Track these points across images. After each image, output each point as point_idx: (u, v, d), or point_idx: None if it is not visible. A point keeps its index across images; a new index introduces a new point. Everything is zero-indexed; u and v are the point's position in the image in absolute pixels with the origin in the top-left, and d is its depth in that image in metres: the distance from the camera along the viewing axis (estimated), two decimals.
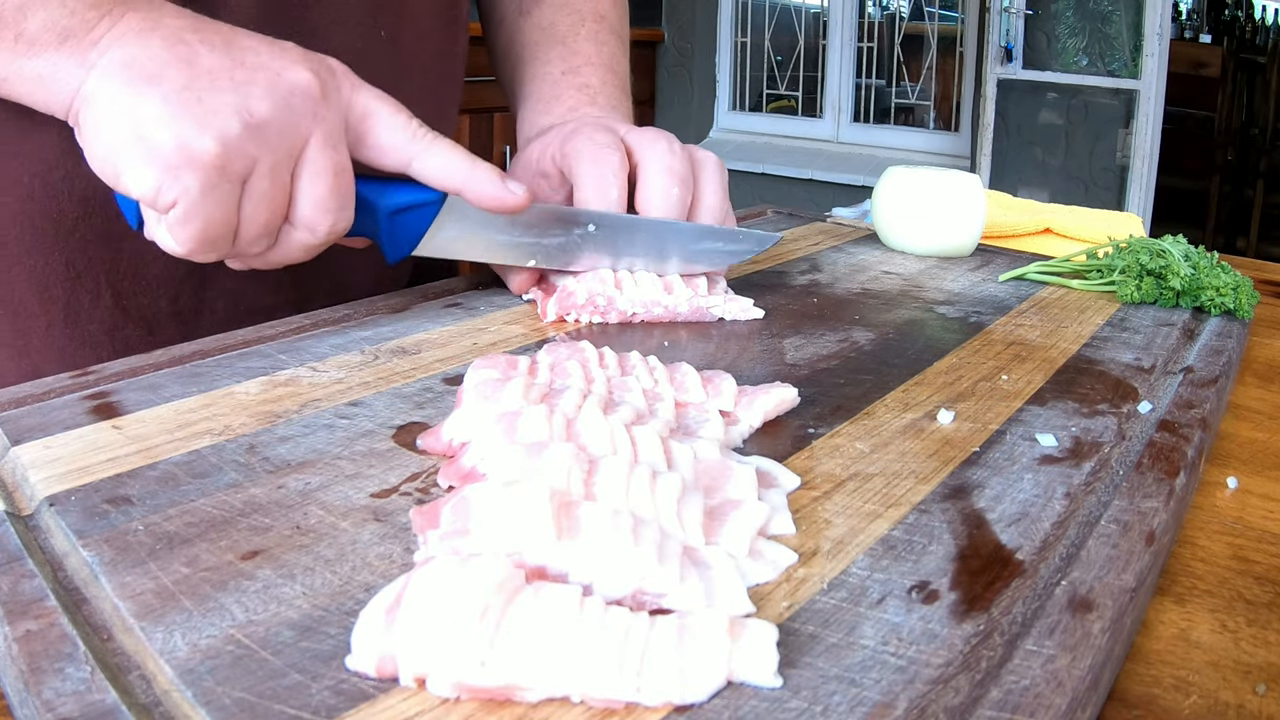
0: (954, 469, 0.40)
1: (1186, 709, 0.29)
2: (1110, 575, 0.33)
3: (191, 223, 0.46)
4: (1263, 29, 5.27)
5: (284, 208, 0.49)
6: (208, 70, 0.46)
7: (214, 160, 0.45)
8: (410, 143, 0.52)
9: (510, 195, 0.54)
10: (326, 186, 0.49)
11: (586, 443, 0.37)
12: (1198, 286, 0.65)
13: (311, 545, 0.33)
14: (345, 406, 0.44)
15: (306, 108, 0.48)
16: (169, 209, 0.45)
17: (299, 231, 0.50)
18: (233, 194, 0.46)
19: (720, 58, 3.99)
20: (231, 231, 0.47)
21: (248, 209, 0.47)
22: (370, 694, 0.26)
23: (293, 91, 0.47)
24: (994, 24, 3.21)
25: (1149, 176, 3.14)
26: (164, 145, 0.44)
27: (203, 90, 0.45)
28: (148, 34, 0.46)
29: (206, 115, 0.45)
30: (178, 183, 0.45)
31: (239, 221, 0.47)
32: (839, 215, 0.97)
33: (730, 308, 0.60)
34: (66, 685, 0.26)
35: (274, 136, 0.46)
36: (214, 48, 0.47)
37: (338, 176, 0.49)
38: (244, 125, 0.45)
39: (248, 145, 0.46)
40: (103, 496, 0.35)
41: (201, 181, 0.45)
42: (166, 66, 0.45)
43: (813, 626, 0.29)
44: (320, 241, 0.50)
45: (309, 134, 0.48)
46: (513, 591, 0.27)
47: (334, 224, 0.50)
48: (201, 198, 0.45)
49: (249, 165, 0.46)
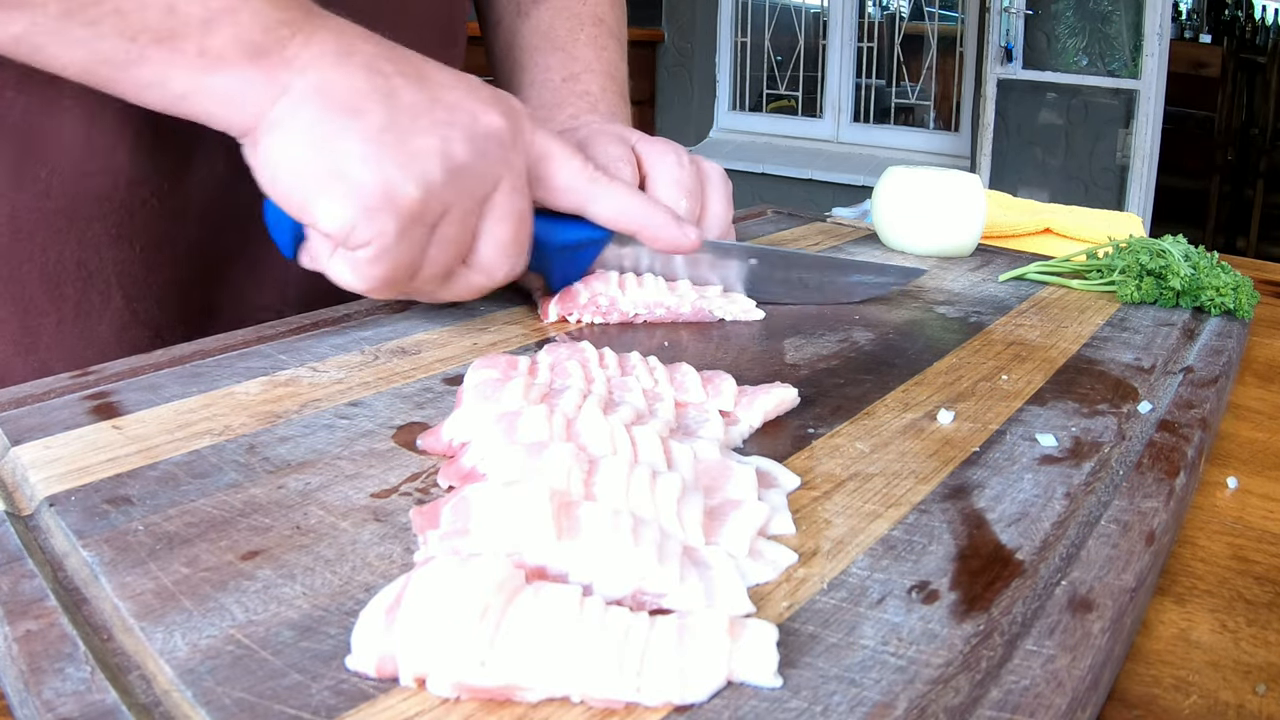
0: (954, 469, 0.40)
1: (1186, 709, 0.29)
2: (1110, 575, 0.33)
3: (381, 262, 0.45)
4: (1263, 29, 5.27)
5: (467, 251, 0.48)
6: (409, 108, 0.45)
7: (415, 205, 0.44)
8: (588, 185, 0.52)
9: (686, 238, 0.54)
10: (510, 233, 0.49)
11: (586, 443, 0.37)
12: (1198, 286, 0.65)
13: (311, 545, 0.33)
14: (345, 406, 0.44)
15: (499, 153, 0.47)
16: (360, 247, 0.45)
17: (476, 275, 0.50)
18: (425, 238, 0.46)
19: (720, 58, 3.99)
20: (414, 273, 0.47)
21: (433, 251, 0.47)
22: (370, 694, 0.26)
23: (488, 136, 0.47)
24: (994, 24, 3.22)
25: (1149, 176, 3.14)
26: (366, 185, 0.43)
27: (405, 130, 0.44)
28: (344, 59, 0.45)
29: (410, 158, 0.44)
30: (374, 224, 0.44)
31: (421, 263, 0.47)
32: (839, 215, 0.97)
33: (732, 309, 0.60)
34: (66, 685, 0.26)
35: (469, 182, 0.46)
36: (410, 80, 0.46)
37: (520, 223, 0.49)
38: (445, 170, 0.45)
39: (446, 191, 0.45)
40: (103, 496, 0.35)
41: (399, 225, 0.45)
42: (367, 100, 0.44)
43: (813, 626, 0.29)
44: (495, 284, 0.50)
45: (499, 179, 0.48)
46: (513, 591, 0.27)
47: (512, 269, 0.50)
48: (396, 240, 0.45)
49: (444, 210, 0.46)
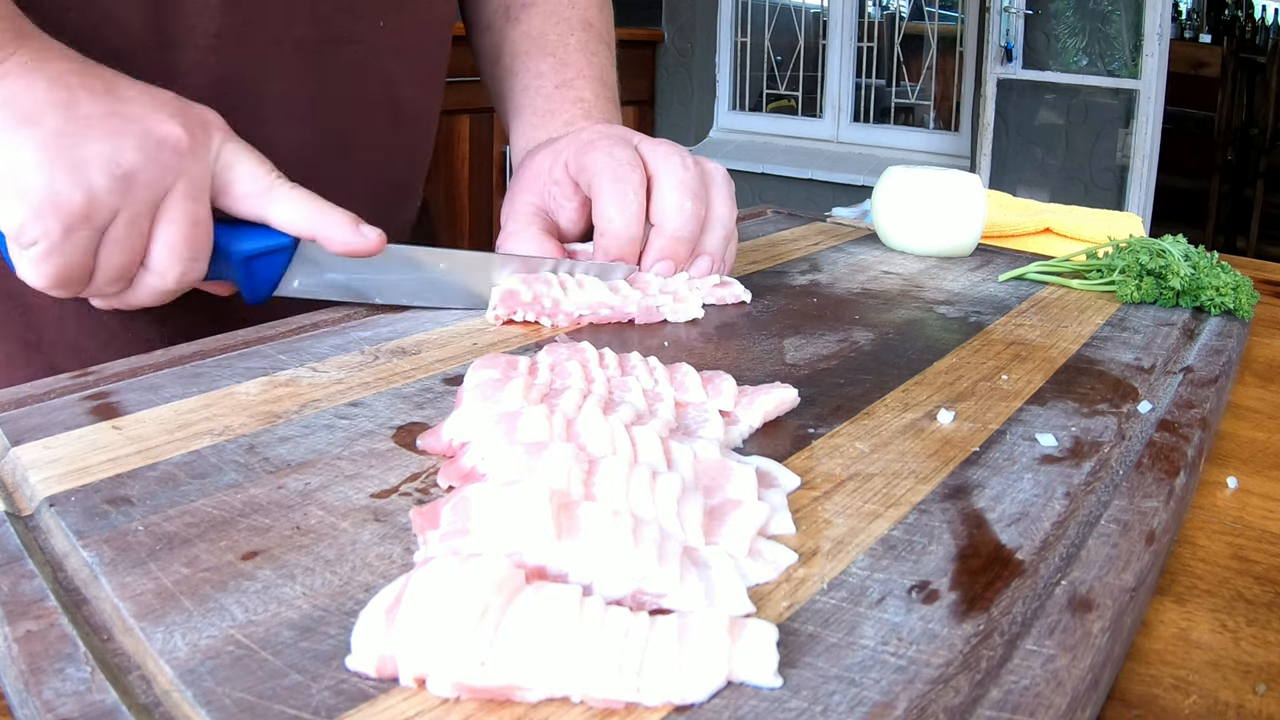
0: (954, 469, 0.40)
1: (1186, 709, 0.29)
2: (1110, 575, 0.33)
3: (49, 262, 0.48)
4: (1263, 29, 5.27)
5: (140, 254, 0.50)
6: (84, 117, 0.47)
7: (79, 209, 0.47)
8: (265, 192, 0.53)
9: (363, 240, 0.54)
10: (181, 237, 0.50)
11: (586, 443, 0.37)
12: (1198, 286, 0.65)
13: (311, 545, 0.33)
14: (345, 407, 0.44)
15: (172, 161, 0.49)
16: (30, 246, 0.47)
17: (151, 277, 0.51)
18: (91, 240, 0.48)
19: (720, 58, 3.99)
20: (87, 273, 0.49)
21: (104, 254, 0.49)
22: (370, 694, 0.26)
23: (162, 145, 0.49)
24: (994, 24, 3.21)
25: (1149, 176, 3.14)
26: (33, 188, 0.46)
27: (76, 137, 0.47)
28: (33, 73, 0.47)
29: (77, 164, 0.46)
30: (40, 224, 0.46)
31: (95, 265, 0.49)
32: (839, 215, 0.97)
33: (678, 309, 0.59)
34: (66, 685, 0.26)
35: (138, 188, 0.48)
36: (94, 94, 0.48)
37: (193, 228, 0.50)
38: (111, 177, 0.47)
39: (112, 197, 0.47)
40: (103, 497, 0.35)
41: (63, 227, 0.47)
42: (46, 109, 0.47)
43: (813, 626, 0.29)
44: (171, 288, 0.52)
45: (171, 185, 0.49)
46: (513, 591, 0.27)
47: (184, 273, 0.51)
48: (61, 241, 0.47)
49: (111, 215, 0.48)
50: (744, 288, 0.63)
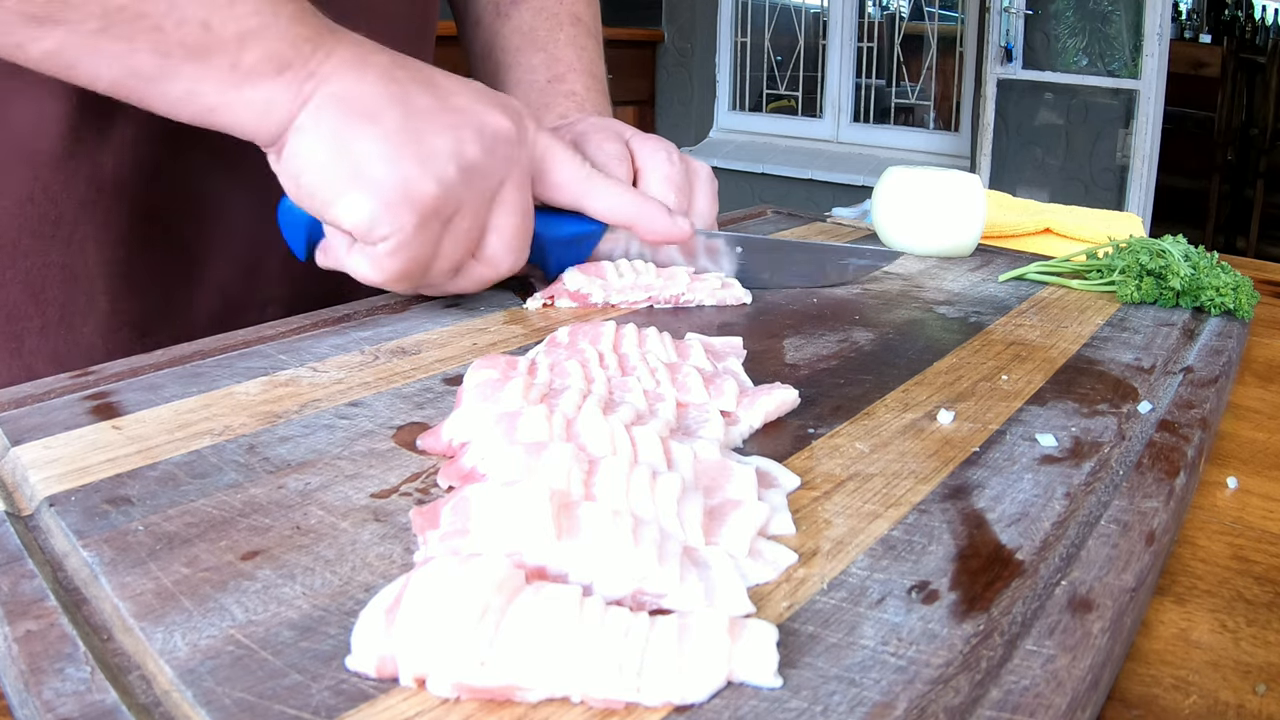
0: (954, 469, 0.40)
1: (1186, 709, 0.29)
2: (1110, 575, 0.33)
3: (399, 255, 0.48)
4: (1263, 29, 5.27)
5: (476, 245, 0.51)
6: (421, 111, 0.48)
7: (432, 201, 0.47)
8: (584, 181, 0.55)
9: (678, 228, 0.57)
10: (515, 227, 0.52)
11: (586, 443, 0.37)
12: (1198, 286, 0.65)
13: (311, 545, 0.33)
14: (345, 406, 0.44)
15: (506, 152, 0.50)
16: (380, 241, 0.47)
17: (482, 267, 0.52)
18: (440, 231, 0.49)
19: (720, 58, 3.99)
20: (429, 265, 0.50)
21: (447, 245, 0.50)
22: (370, 694, 0.26)
23: (496, 136, 0.50)
24: (994, 24, 3.21)
25: (1149, 176, 3.14)
26: (385, 182, 0.46)
27: (419, 132, 0.47)
28: (361, 69, 0.47)
29: (426, 156, 0.47)
30: (394, 218, 0.47)
31: (435, 256, 0.50)
32: (839, 215, 0.97)
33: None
34: (66, 685, 0.26)
35: (480, 179, 0.49)
36: (422, 86, 0.49)
37: (524, 217, 0.52)
38: (459, 168, 0.48)
39: (460, 188, 0.48)
40: (103, 496, 0.35)
41: (418, 220, 0.47)
42: (383, 104, 0.47)
43: (813, 626, 0.29)
44: (500, 276, 0.53)
45: (507, 176, 0.51)
46: (513, 591, 0.27)
47: (515, 261, 0.53)
48: (414, 235, 0.47)
49: (457, 206, 0.49)
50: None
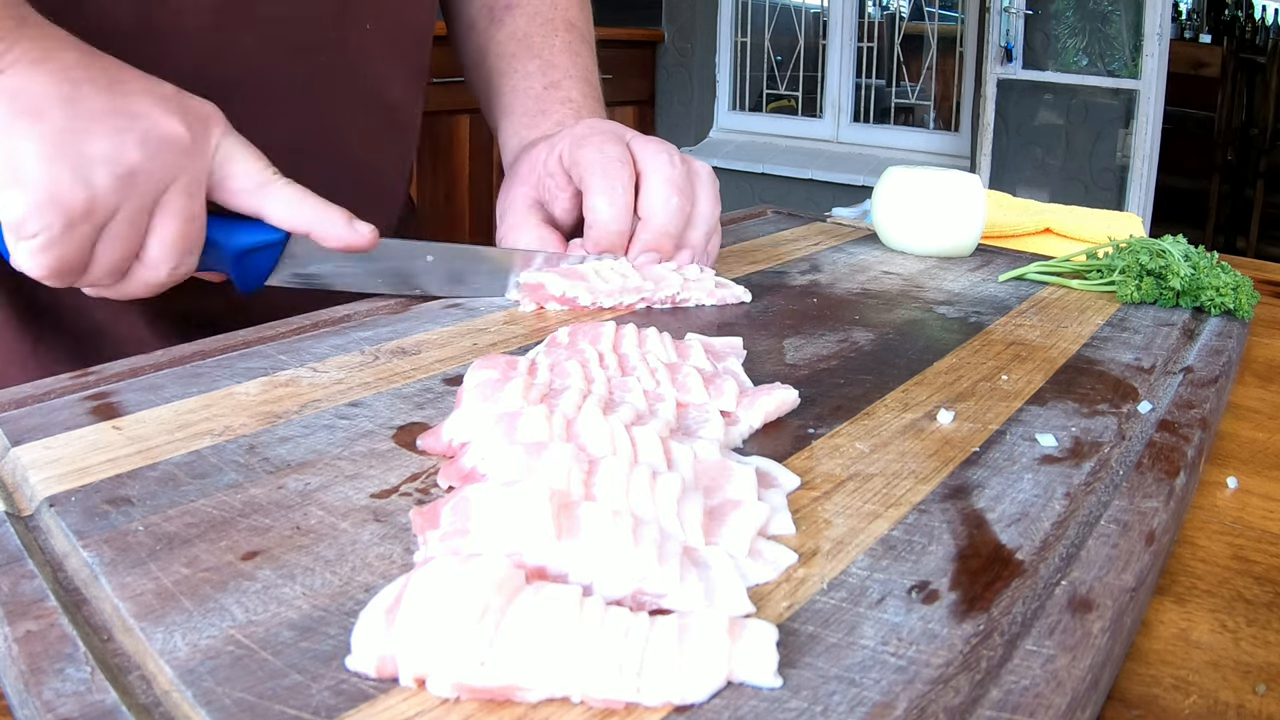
0: (954, 469, 0.40)
1: (1186, 709, 0.29)
2: (1110, 575, 0.33)
3: (47, 254, 0.48)
4: (1263, 29, 5.27)
5: (136, 248, 0.51)
6: (88, 113, 0.48)
7: (80, 206, 0.47)
8: (261, 188, 0.54)
9: (357, 236, 0.55)
10: (176, 232, 0.51)
11: (586, 443, 0.37)
12: (1198, 286, 0.65)
13: (311, 545, 0.33)
14: (345, 407, 0.44)
15: (173, 159, 0.50)
16: (30, 238, 0.47)
17: (145, 270, 0.52)
18: (90, 235, 0.49)
19: (720, 58, 3.99)
20: (84, 265, 0.50)
21: (102, 249, 0.49)
22: (370, 694, 0.26)
23: (164, 143, 0.49)
24: (994, 24, 3.21)
25: (1149, 176, 3.14)
26: (36, 183, 0.46)
27: (80, 134, 0.47)
28: (37, 66, 0.47)
29: (81, 162, 0.47)
30: (41, 218, 0.47)
31: (91, 258, 0.49)
32: (839, 215, 0.97)
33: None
34: (66, 685, 0.26)
35: (139, 186, 0.49)
36: (98, 89, 0.48)
37: (188, 223, 0.51)
38: (114, 176, 0.47)
39: (113, 195, 0.48)
40: (103, 497, 0.35)
41: (64, 222, 0.47)
42: (50, 103, 0.47)
43: (813, 626, 0.29)
44: (164, 281, 0.52)
45: (171, 182, 0.50)
46: (513, 591, 0.27)
47: (177, 267, 0.52)
48: (62, 235, 0.47)
49: (111, 211, 0.48)
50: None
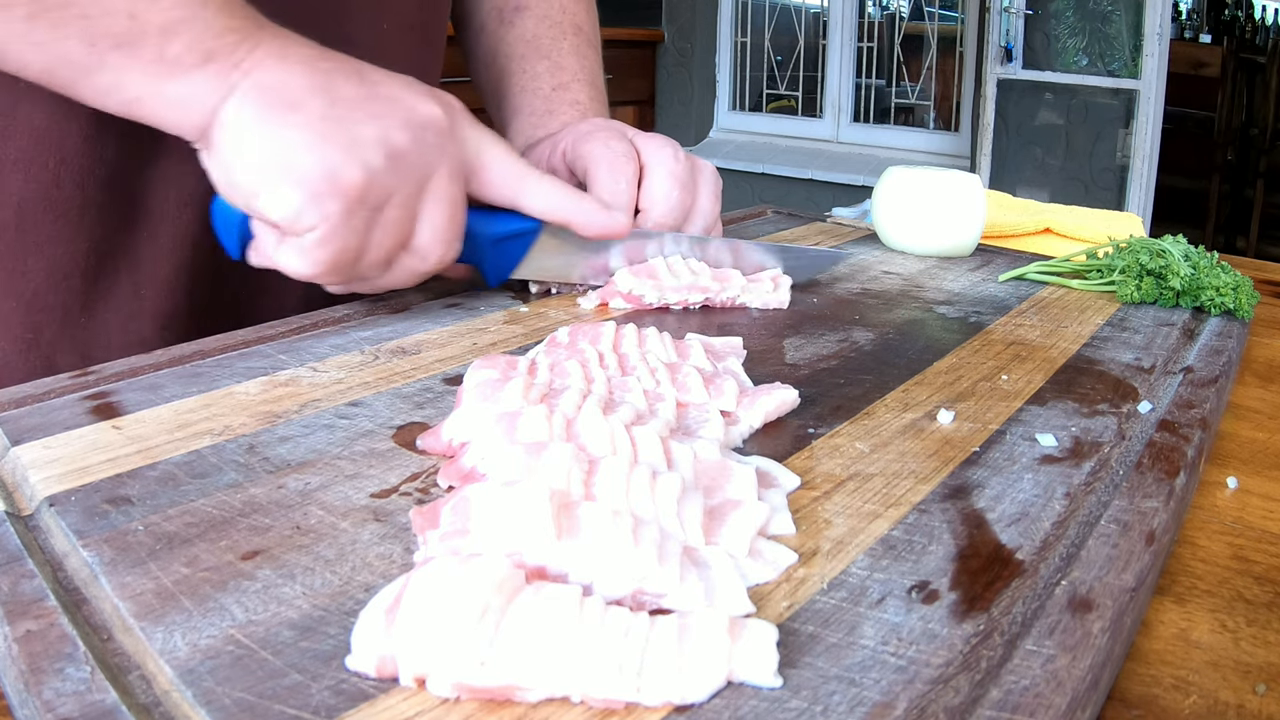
0: (954, 469, 0.40)
1: (1186, 709, 0.29)
2: (1110, 575, 0.33)
3: (327, 246, 0.47)
4: (1263, 29, 5.27)
5: (408, 235, 0.51)
6: (347, 99, 0.47)
7: (358, 188, 0.46)
8: (520, 179, 0.54)
9: (615, 223, 0.57)
10: (446, 218, 0.51)
11: (586, 443, 0.37)
12: (1198, 286, 0.65)
13: (311, 545, 0.33)
14: (345, 406, 0.44)
15: (436, 142, 0.50)
16: (307, 232, 0.47)
17: (413, 259, 0.52)
18: (368, 221, 0.48)
19: (720, 58, 3.99)
20: (358, 257, 0.49)
21: (376, 236, 0.49)
22: (370, 694, 0.26)
23: (425, 125, 0.49)
24: (994, 24, 3.21)
25: (1149, 176, 3.14)
26: (310, 171, 0.46)
27: (344, 119, 0.47)
28: (285, 60, 0.47)
29: (351, 144, 0.46)
30: (320, 208, 0.46)
31: (365, 247, 0.49)
32: (839, 215, 0.97)
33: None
34: (66, 685, 0.26)
35: (409, 168, 0.48)
36: (347, 76, 0.48)
37: (455, 208, 0.51)
38: (386, 156, 0.47)
39: (387, 176, 0.47)
40: (103, 496, 0.35)
41: (344, 208, 0.46)
42: (307, 94, 0.46)
43: (813, 626, 0.29)
44: (431, 270, 0.53)
45: (437, 166, 0.50)
46: (513, 591, 0.27)
47: (445, 254, 0.52)
48: (341, 224, 0.47)
49: (386, 195, 0.48)
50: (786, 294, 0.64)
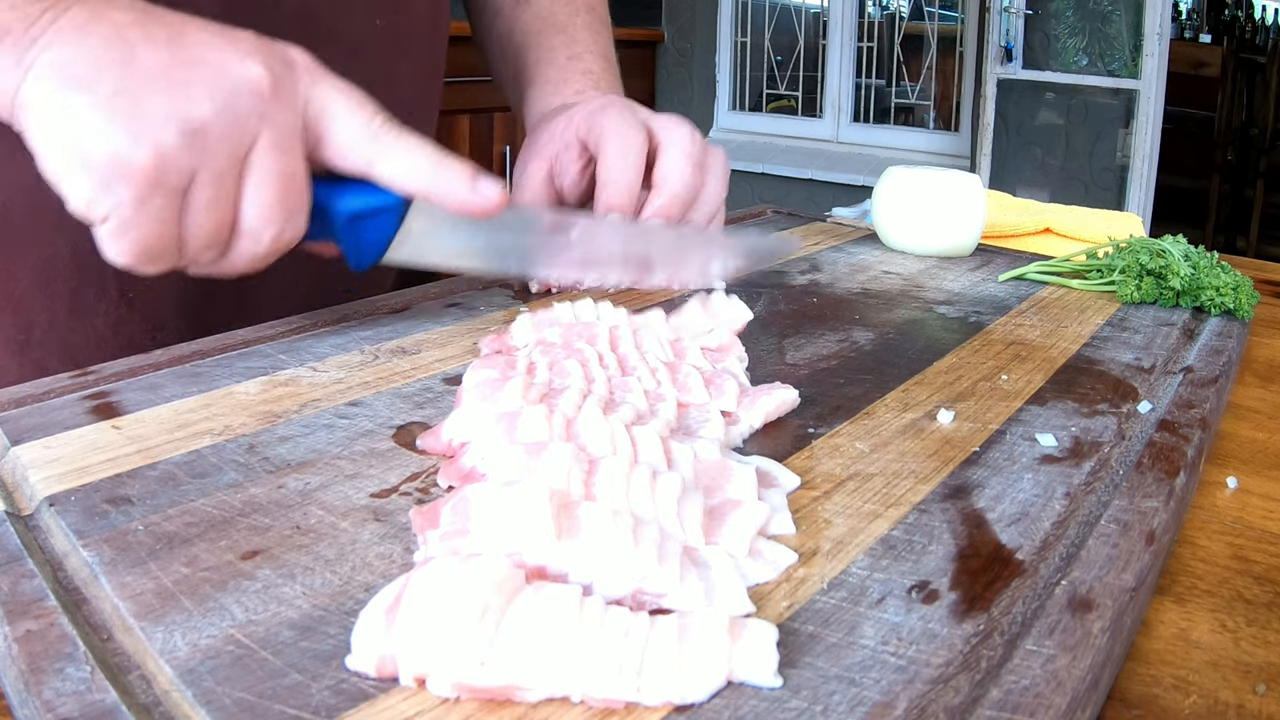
0: (954, 469, 0.40)
1: (1186, 709, 0.29)
2: (1110, 575, 0.33)
3: (126, 235, 0.43)
4: (1263, 29, 5.27)
5: (231, 216, 0.45)
6: (145, 71, 0.42)
7: (148, 172, 0.41)
8: (371, 142, 0.47)
9: (480, 197, 0.48)
10: (273, 194, 0.45)
11: (586, 443, 0.37)
12: (1198, 286, 0.65)
13: (311, 545, 0.33)
14: (345, 406, 0.44)
15: (253, 107, 0.44)
16: (103, 221, 0.42)
17: (244, 240, 0.46)
18: (170, 206, 0.43)
19: (720, 58, 3.99)
20: (174, 243, 0.44)
21: (190, 220, 0.44)
22: (370, 694, 0.26)
23: (237, 90, 0.43)
24: (994, 24, 3.21)
25: (1149, 176, 3.14)
26: (96, 156, 0.41)
27: (138, 94, 0.41)
28: (86, 31, 0.43)
29: (141, 123, 0.41)
30: (110, 195, 0.42)
31: (182, 232, 0.44)
32: (839, 215, 0.97)
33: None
34: (66, 685, 0.26)
35: (215, 142, 0.43)
36: (156, 44, 0.43)
37: (286, 182, 0.45)
38: (181, 133, 0.42)
39: (185, 154, 0.42)
40: (103, 496, 0.35)
41: (135, 194, 0.42)
42: (102, 69, 0.42)
43: (813, 626, 0.29)
44: (266, 251, 0.46)
45: (255, 136, 0.44)
46: (513, 591, 0.27)
47: (279, 233, 0.46)
48: (135, 211, 0.42)
49: (188, 175, 0.43)
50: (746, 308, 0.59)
